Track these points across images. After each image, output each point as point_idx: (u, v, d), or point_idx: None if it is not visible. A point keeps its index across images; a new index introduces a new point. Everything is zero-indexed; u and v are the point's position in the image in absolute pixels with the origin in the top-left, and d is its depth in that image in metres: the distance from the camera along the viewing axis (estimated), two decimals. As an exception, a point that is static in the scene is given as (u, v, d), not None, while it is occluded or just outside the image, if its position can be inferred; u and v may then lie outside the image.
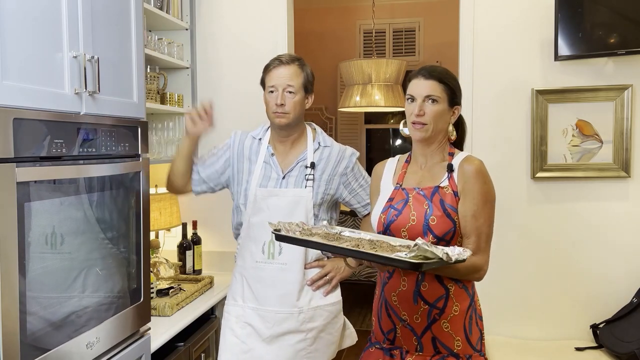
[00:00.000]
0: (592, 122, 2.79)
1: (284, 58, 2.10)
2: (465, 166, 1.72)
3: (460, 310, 1.69)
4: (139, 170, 1.92)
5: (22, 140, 1.38)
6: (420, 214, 1.69)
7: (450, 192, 1.71)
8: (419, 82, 1.73)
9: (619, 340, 2.58)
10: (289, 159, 2.13)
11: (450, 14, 3.87)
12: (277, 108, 2.06)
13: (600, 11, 2.69)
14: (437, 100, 1.71)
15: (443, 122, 1.74)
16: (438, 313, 1.68)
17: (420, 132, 1.74)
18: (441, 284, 1.68)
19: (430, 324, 1.69)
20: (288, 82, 2.05)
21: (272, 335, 2.07)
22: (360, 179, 2.19)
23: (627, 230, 2.80)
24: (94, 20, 1.69)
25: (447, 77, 1.74)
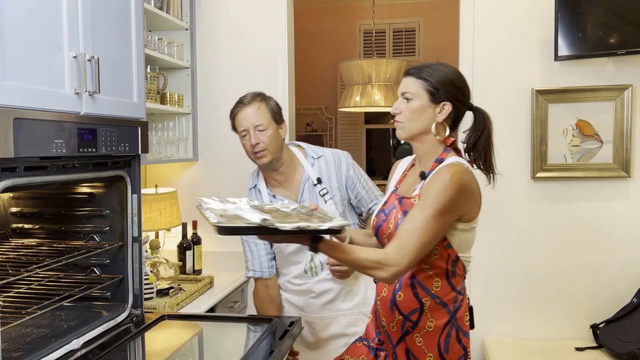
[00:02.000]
0: (592, 122, 2.79)
1: (245, 99, 2.10)
2: (439, 170, 1.56)
3: (435, 326, 1.61)
4: (136, 171, 1.92)
5: (22, 140, 1.38)
6: (395, 223, 1.63)
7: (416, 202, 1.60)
8: (402, 80, 1.67)
9: (619, 340, 2.58)
10: (294, 187, 2.13)
11: (450, 14, 3.87)
12: (254, 149, 2.06)
13: (600, 11, 2.69)
14: (412, 98, 1.62)
15: (423, 121, 1.62)
16: (411, 326, 1.63)
17: (397, 130, 1.67)
18: (415, 297, 1.61)
19: (404, 335, 1.64)
20: (255, 121, 2.05)
21: (317, 341, 2.14)
22: (361, 179, 2.19)
23: (627, 230, 2.80)
24: (94, 20, 1.69)
25: (428, 72, 1.62)
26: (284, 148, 2.14)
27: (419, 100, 1.61)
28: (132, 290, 1.96)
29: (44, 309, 1.65)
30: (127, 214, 1.93)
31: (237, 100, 2.12)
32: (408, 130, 1.64)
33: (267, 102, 2.09)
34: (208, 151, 3.17)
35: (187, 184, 3.19)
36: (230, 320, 2.16)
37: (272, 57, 3.06)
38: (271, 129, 2.05)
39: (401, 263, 1.47)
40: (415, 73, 1.63)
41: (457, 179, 1.51)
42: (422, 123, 1.62)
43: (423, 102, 1.61)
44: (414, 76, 1.63)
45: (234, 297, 2.95)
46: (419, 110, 1.61)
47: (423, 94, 1.61)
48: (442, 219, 1.50)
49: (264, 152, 2.05)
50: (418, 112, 1.61)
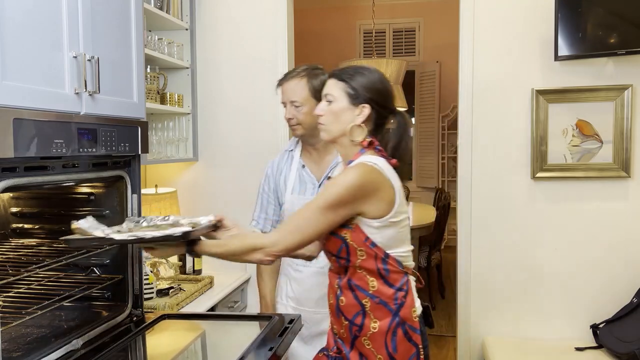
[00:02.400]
0: (592, 122, 2.79)
1: (290, 73, 2.10)
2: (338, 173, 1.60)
3: (379, 327, 1.60)
4: (136, 171, 1.92)
5: (22, 140, 1.38)
6: None
7: None
8: (326, 83, 1.70)
9: (619, 340, 2.58)
10: (322, 168, 2.14)
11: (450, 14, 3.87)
12: (288, 121, 2.10)
13: (600, 11, 2.69)
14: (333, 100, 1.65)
15: (342, 122, 1.64)
16: (357, 330, 1.62)
17: (321, 132, 1.70)
18: (356, 300, 1.61)
19: (354, 340, 1.65)
20: (291, 97, 2.07)
21: (310, 335, 2.14)
22: None
23: (627, 230, 2.80)
24: (94, 20, 1.69)
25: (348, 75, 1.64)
26: None
27: (339, 102, 1.63)
28: (132, 290, 1.96)
29: (44, 309, 1.66)
30: (127, 214, 1.93)
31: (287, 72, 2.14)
32: (329, 132, 1.66)
33: (309, 79, 2.06)
34: (208, 151, 3.17)
35: (187, 184, 3.19)
36: (230, 319, 2.17)
37: (272, 57, 3.06)
38: (307, 105, 2.04)
39: (277, 243, 1.56)
40: (337, 75, 1.65)
41: (353, 177, 1.53)
42: (342, 125, 1.63)
43: (342, 104, 1.63)
44: (336, 78, 1.65)
45: (234, 297, 2.95)
46: (339, 112, 1.63)
47: (343, 95, 1.63)
48: (330, 212, 1.54)
49: (296, 127, 2.08)
50: (337, 114, 1.63)
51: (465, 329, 2.97)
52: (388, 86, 1.67)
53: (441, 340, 4.28)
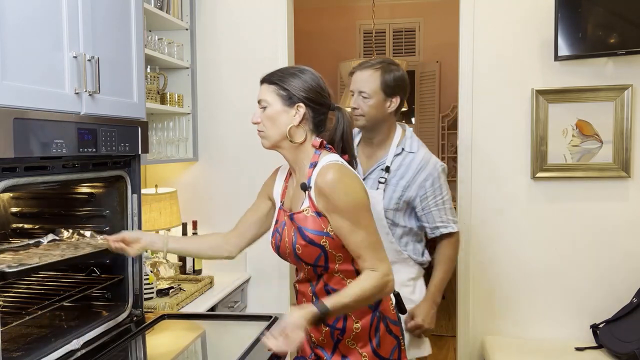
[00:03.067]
0: (592, 122, 2.79)
1: (364, 63, 2.10)
2: (319, 183, 1.53)
3: (362, 326, 1.62)
4: (136, 171, 1.92)
5: (22, 140, 1.38)
6: (290, 242, 1.60)
7: (311, 214, 1.56)
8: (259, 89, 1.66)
9: (619, 340, 2.58)
10: (371, 162, 2.15)
11: (450, 14, 3.87)
12: (353, 111, 2.09)
13: (600, 11, 2.69)
14: (267, 105, 1.60)
15: (280, 126, 1.58)
16: (339, 333, 1.62)
17: (262, 141, 1.65)
18: None
19: (336, 344, 1.64)
20: (360, 87, 2.07)
21: None
22: (438, 196, 2.10)
23: (627, 230, 2.80)
24: (94, 20, 1.69)
25: (278, 77, 1.60)
26: (387, 124, 2.12)
27: (273, 105, 1.59)
28: (132, 290, 1.96)
29: (44, 309, 1.66)
30: (127, 214, 1.93)
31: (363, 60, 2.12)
32: (269, 138, 1.61)
33: (383, 72, 2.06)
34: (208, 151, 3.17)
35: (187, 184, 3.19)
36: (230, 319, 2.17)
37: (272, 57, 3.06)
38: (375, 98, 2.05)
39: (389, 267, 1.54)
40: (267, 79, 1.62)
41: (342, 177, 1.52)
42: (280, 129, 1.59)
43: (277, 107, 1.58)
44: (266, 82, 1.62)
45: (234, 297, 2.95)
46: (274, 116, 1.58)
47: (276, 98, 1.59)
48: (368, 212, 1.55)
49: (359, 117, 2.08)
50: (274, 118, 1.59)
51: (465, 329, 2.97)
52: (321, 82, 1.63)
53: (441, 340, 4.28)
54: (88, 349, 1.64)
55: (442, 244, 2.17)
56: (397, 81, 2.08)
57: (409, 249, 2.15)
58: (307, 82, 1.59)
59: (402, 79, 2.10)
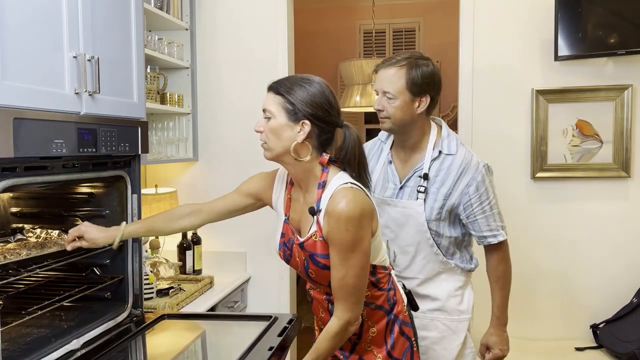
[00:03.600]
0: (592, 122, 2.79)
1: (391, 59, 1.87)
2: (329, 209, 1.46)
3: (378, 329, 1.61)
4: (136, 171, 1.92)
5: (22, 140, 1.38)
6: (302, 266, 1.57)
7: (319, 239, 1.50)
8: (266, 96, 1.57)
9: (619, 340, 2.58)
10: (408, 167, 1.95)
11: (450, 14, 3.87)
12: (378, 113, 1.90)
13: (600, 11, 2.69)
14: (271, 116, 1.51)
15: (284, 141, 1.50)
16: (356, 338, 1.61)
17: (264, 152, 1.56)
18: None
19: (353, 347, 1.64)
20: (384, 87, 1.86)
21: None
22: (485, 202, 1.91)
23: (627, 230, 2.80)
24: (94, 20, 1.69)
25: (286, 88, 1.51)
26: (418, 125, 1.90)
27: (277, 118, 1.49)
28: (132, 290, 1.96)
29: (44, 309, 1.66)
30: (127, 214, 1.93)
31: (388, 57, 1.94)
32: (271, 150, 1.53)
33: (409, 69, 1.83)
34: (208, 151, 3.17)
35: (187, 184, 3.19)
36: (229, 319, 2.16)
37: (272, 57, 3.06)
38: (401, 99, 1.84)
39: (356, 315, 1.51)
40: (274, 88, 1.53)
41: (353, 211, 1.44)
42: (283, 143, 1.50)
43: (281, 121, 1.49)
44: (273, 91, 1.53)
45: (234, 297, 2.95)
46: (278, 129, 1.49)
47: (281, 111, 1.49)
48: (359, 251, 1.47)
49: (384, 119, 1.89)
50: (277, 132, 1.49)
51: (465, 329, 2.97)
52: (330, 98, 1.51)
53: (441, 340, 4.27)
54: (88, 349, 1.64)
55: (492, 258, 1.98)
56: (426, 78, 1.85)
57: (456, 257, 1.97)
58: (315, 96, 1.48)
59: (432, 75, 1.87)
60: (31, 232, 1.98)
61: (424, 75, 1.85)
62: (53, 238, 1.92)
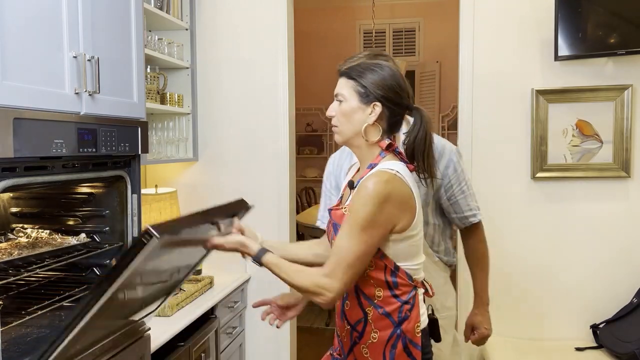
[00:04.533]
0: (592, 122, 2.79)
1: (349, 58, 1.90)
2: (366, 179, 1.49)
3: (379, 337, 1.55)
4: (136, 171, 1.92)
5: (22, 140, 1.38)
6: (330, 235, 1.62)
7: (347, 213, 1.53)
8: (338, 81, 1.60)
9: (619, 340, 2.58)
10: None
11: (450, 14, 3.87)
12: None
13: (600, 11, 2.69)
14: (343, 100, 1.56)
15: (354, 123, 1.55)
16: (358, 336, 1.59)
17: (335, 136, 1.60)
18: (360, 307, 1.56)
19: (353, 346, 1.61)
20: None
21: None
22: (462, 182, 1.98)
23: (627, 230, 2.80)
24: (94, 20, 1.69)
25: (357, 72, 1.55)
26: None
27: (349, 101, 1.55)
28: (132, 290, 1.96)
29: (44, 309, 1.66)
30: (127, 214, 1.93)
31: None
32: (342, 134, 1.58)
33: None
34: (208, 151, 3.17)
35: (187, 184, 3.19)
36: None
37: (272, 57, 3.06)
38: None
39: (334, 288, 1.46)
40: (346, 73, 1.57)
41: (378, 190, 1.44)
42: (354, 126, 1.55)
43: (353, 104, 1.54)
44: (345, 76, 1.58)
45: (234, 297, 2.95)
46: (350, 112, 1.54)
47: (353, 94, 1.55)
48: (368, 234, 1.45)
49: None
50: (349, 114, 1.55)
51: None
52: (401, 82, 1.56)
53: (441, 340, 4.27)
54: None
55: (471, 240, 2.06)
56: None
57: (441, 249, 2.02)
58: (386, 79, 1.53)
59: None
60: (22, 232, 1.97)
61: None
62: (44, 238, 1.92)
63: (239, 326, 3.05)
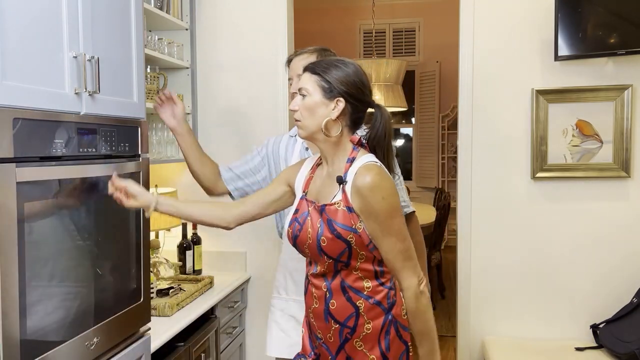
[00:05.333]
0: (592, 122, 2.79)
1: (300, 50, 2.11)
2: (358, 183, 1.53)
3: (373, 327, 1.59)
4: (139, 170, 1.92)
5: (22, 140, 1.38)
6: (314, 233, 1.58)
7: (342, 208, 1.55)
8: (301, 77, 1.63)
9: (619, 340, 2.58)
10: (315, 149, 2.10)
11: (450, 14, 3.87)
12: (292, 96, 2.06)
13: (600, 11, 2.69)
14: (307, 94, 1.58)
15: (317, 118, 1.57)
16: (349, 332, 1.59)
17: (298, 130, 1.64)
18: (349, 302, 1.58)
19: (343, 343, 1.60)
20: (298, 71, 1.99)
21: None
22: (396, 177, 2.08)
23: (627, 230, 2.80)
24: (94, 20, 1.69)
25: (322, 68, 1.59)
26: None
27: (313, 96, 1.57)
28: (132, 290, 1.96)
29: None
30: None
31: None
32: (305, 128, 1.60)
33: (319, 57, 2.04)
34: (208, 151, 3.13)
35: (187, 184, 3.18)
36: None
37: (272, 57, 3.07)
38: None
39: (417, 279, 1.58)
40: (311, 69, 1.60)
41: (382, 181, 1.53)
42: (317, 120, 1.58)
43: (316, 98, 1.57)
44: (310, 71, 1.60)
45: (234, 297, 2.95)
46: (313, 107, 1.57)
47: (316, 89, 1.57)
48: (400, 216, 1.57)
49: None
50: (312, 109, 1.57)
51: (465, 329, 2.98)
52: (364, 79, 1.62)
53: (441, 340, 4.26)
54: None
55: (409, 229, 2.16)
56: None
57: None
58: (349, 76, 1.58)
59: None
60: None
61: None
62: None
63: (239, 326, 3.05)
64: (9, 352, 1.35)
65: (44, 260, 1.50)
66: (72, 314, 1.60)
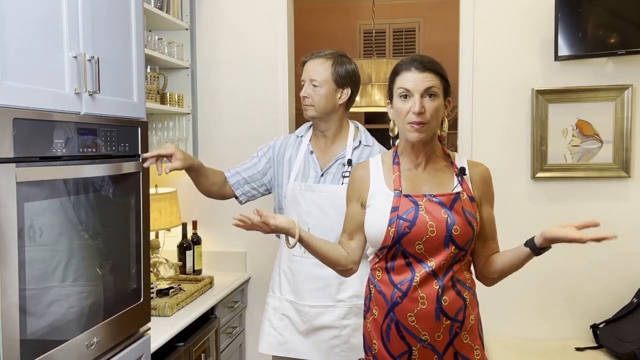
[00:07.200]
0: (592, 122, 2.79)
1: (316, 52, 2.15)
2: (479, 170, 1.71)
3: (475, 317, 1.66)
4: (139, 170, 1.92)
5: (22, 140, 1.38)
6: (441, 224, 1.57)
7: (466, 197, 1.64)
8: (415, 75, 1.57)
9: (619, 340, 2.58)
10: (328, 157, 2.14)
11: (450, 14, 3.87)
12: (303, 100, 2.12)
13: (600, 11, 2.69)
14: (436, 95, 1.58)
15: (439, 119, 1.63)
16: (459, 326, 1.60)
17: (420, 133, 1.58)
18: (459, 295, 1.60)
19: (453, 339, 1.60)
20: (311, 76, 2.10)
21: (308, 329, 2.10)
22: None
23: (627, 230, 2.80)
24: (94, 20, 1.69)
25: (439, 66, 1.63)
26: (338, 116, 2.14)
27: (440, 97, 1.62)
28: (132, 290, 1.96)
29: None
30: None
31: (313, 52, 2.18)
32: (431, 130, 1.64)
33: (334, 63, 2.10)
34: (208, 151, 3.17)
35: (187, 184, 3.16)
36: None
37: (272, 57, 3.06)
38: (325, 88, 2.09)
39: None
40: (432, 68, 1.61)
41: None
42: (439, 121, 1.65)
43: (441, 100, 1.63)
44: (431, 72, 1.61)
45: (234, 297, 2.95)
46: (440, 108, 1.61)
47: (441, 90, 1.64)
48: None
49: (309, 107, 2.11)
50: (439, 110, 1.61)
51: (465, 329, 2.97)
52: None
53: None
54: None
55: None
56: (349, 73, 2.12)
57: None
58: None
59: (354, 72, 2.15)
60: None
61: (346, 71, 2.13)
62: None
63: (239, 326, 3.05)
64: (9, 352, 1.34)
65: (44, 261, 1.50)
66: (72, 313, 1.60)
